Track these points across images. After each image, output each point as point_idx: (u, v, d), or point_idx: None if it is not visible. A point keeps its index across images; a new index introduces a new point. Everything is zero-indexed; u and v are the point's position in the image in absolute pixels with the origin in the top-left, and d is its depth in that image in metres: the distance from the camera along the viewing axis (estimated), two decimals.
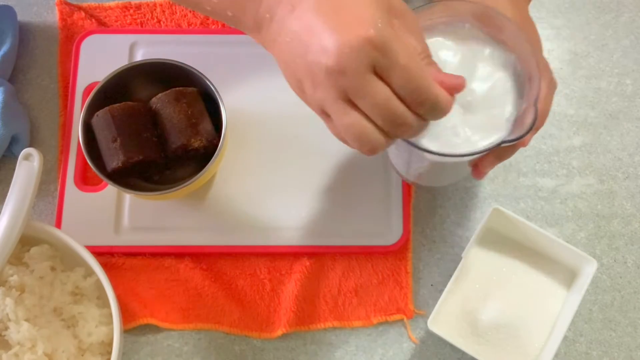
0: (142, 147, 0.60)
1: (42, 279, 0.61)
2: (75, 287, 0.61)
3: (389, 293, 0.64)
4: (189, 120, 0.61)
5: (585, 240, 0.65)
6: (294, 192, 0.66)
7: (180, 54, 0.64)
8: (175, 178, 0.65)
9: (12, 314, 0.57)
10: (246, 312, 0.63)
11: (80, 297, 0.62)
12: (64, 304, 0.61)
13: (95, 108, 0.62)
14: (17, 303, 0.58)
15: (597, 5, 0.72)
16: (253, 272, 0.64)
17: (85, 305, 0.61)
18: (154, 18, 0.72)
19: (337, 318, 0.63)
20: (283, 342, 0.63)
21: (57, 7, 0.72)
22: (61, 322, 0.60)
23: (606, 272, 0.64)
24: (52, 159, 0.68)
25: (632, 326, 0.63)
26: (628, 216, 0.66)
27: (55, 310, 0.60)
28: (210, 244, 0.64)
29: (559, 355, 0.61)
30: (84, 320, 0.60)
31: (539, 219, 0.65)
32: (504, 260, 0.62)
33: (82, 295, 0.62)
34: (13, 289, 0.59)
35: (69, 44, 0.71)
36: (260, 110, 0.68)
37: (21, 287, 0.59)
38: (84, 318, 0.60)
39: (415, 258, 0.65)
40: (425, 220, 0.66)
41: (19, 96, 0.70)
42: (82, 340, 0.60)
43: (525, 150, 0.67)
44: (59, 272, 0.62)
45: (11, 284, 0.59)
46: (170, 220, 0.65)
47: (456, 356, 0.62)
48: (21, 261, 0.61)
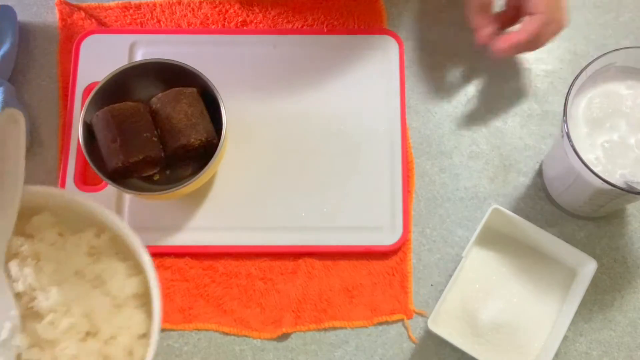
0: (142, 147, 0.60)
1: (54, 245, 0.58)
2: (90, 247, 0.59)
3: (389, 293, 0.64)
4: (189, 120, 0.61)
5: (585, 240, 0.65)
6: (294, 192, 0.66)
7: (180, 54, 0.64)
8: (175, 178, 0.65)
9: (35, 283, 0.54)
10: (246, 312, 0.63)
11: (98, 256, 0.59)
12: (83, 265, 0.58)
13: (95, 108, 0.62)
14: (36, 272, 0.55)
15: (597, 5, 0.72)
16: (253, 272, 0.64)
17: (106, 262, 0.58)
18: (153, 18, 0.72)
19: (337, 318, 0.63)
20: (283, 342, 0.63)
21: (57, 7, 0.72)
22: (87, 284, 0.57)
23: (606, 272, 0.64)
24: (52, 159, 0.68)
25: (632, 326, 0.63)
26: (628, 216, 0.66)
27: (77, 274, 0.57)
28: (210, 244, 0.64)
29: (559, 355, 0.61)
30: (110, 276, 0.57)
31: (539, 219, 0.65)
32: (504, 260, 0.62)
33: (100, 254, 0.59)
34: (28, 258, 0.56)
35: (68, 44, 0.71)
36: (260, 110, 0.68)
37: (36, 256, 0.56)
38: (109, 274, 0.57)
39: (415, 258, 0.65)
40: (425, 220, 0.66)
41: (19, 96, 0.70)
42: (115, 295, 0.57)
43: (525, 150, 0.67)
44: (68, 236, 0.59)
45: (24, 254, 0.56)
46: (170, 220, 0.65)
47: (456, 356, 0.62)
48: (25, 233, 0.59)
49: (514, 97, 0.69)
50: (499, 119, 0.69)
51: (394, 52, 0.70)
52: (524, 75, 0.70)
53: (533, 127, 0.68)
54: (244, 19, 0.72)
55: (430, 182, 0.67)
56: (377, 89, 0.69)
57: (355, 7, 0.72)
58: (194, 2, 0.72)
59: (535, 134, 0.68)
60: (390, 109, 0.68)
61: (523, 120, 0.69)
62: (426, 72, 0.70)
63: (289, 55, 0.70)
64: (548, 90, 0.70)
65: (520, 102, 0.69)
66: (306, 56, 0.70)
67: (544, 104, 0.69)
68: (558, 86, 0.70)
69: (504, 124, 0.69)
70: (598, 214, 0.64)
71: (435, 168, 0.67)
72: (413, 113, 0.69)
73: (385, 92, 0.69)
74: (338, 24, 0.71)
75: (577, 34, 0.71)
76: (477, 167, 0.67)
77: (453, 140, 0.68)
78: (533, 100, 0.69)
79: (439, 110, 0.69)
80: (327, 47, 0.70)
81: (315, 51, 0.70)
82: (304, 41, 0.70)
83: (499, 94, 0.70)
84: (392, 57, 0.70)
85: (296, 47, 0.70)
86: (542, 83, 0.70)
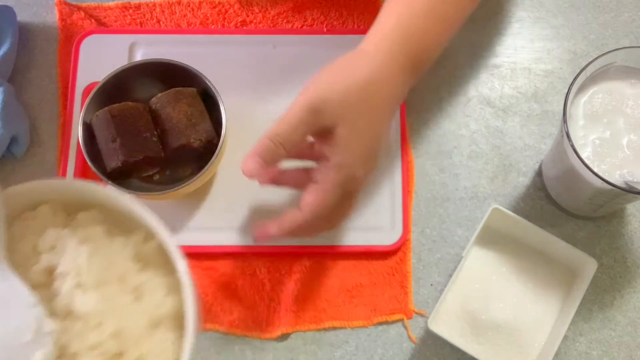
0: (142, 147, 0.60)
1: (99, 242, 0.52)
2: (136, 252, 0.53)
3: (389, 293, 0.64)
4: (189, 120, 0.61)
5: (585, 240, 0.65)
6: (294, 192, 0.66)
7: (180, 54, 0.64)
8: (175, 178, 0.65)
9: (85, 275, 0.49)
10: (246, 312, 0.63)
11: (144, 264, 0.53)
12: (129, 271, 0.52)
13: (95, 108, 0.62)
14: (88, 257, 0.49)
15: (597, 4, 0.72)
16: (253, 272, 0.64)
17: (152, 272, 0.52)
18: (153, 18, 0.72)
19: (337, 318, 0.63)
20: (283, 342, 0.63)
21: (56, 7, 0.72)
22: (128, 295, 0.51)
23: (606, 272, 0.64)
24: (52, 159, 0.68)
25: (632, 325, 0.63)
26: (628, 216, 0.66)
27: (120, 280, 0.51)
28: (210, 244, 0.64)
29: (559, 355, 0.61)
30: (151, 290, 0.51)
31: (539, 219, 0.65)
32: (504, 260, 0.62)
33: (147, 262, 0.53)
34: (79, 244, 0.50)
35: (68, 44, 0.71)
36: (260, 110, 0.68)
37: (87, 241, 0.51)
38: (151, 287, 0.51)
39: (415, 258, 0.65)
40: (425, 220, 0.66)
41: (19, 96, 0.70)
42: (152, 313, 0.51)
43: (525, 150, 0.67)
44: (116, 236, 0.53)
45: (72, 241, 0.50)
46: (170, 220, 0.65)
47: (456, 356, 0.62)
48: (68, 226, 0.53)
49: (513, 97, 0.69)
50: (499, 119, 0.69)
51: None
52: (523, 75, 0.70)
53: (533, 127, 0.68)
54: (244, 19, 0.72)
55: (430, 182, 0.67)
56: None
57: (355, 7, 0.72)
58: (193, 2, 0.72)
59: (535, 133, 0.68)
60: None
61: (523, 120, 0.69)
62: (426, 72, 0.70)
63: (289, 55, 0.70)
64: (548, 90, 0.70)
65: (520, 102, 0.69)
66: (306, 56, 0.69)
67: (543, 104, 0.69)
68: (558, 86, 0.70)
69: (504, 124, 0.69)
70: (598, 214, 0.64)
71: (435, 168, 0.67)
72: (413, 113, 0.69)
73: None
74: (338, 24, 0.71)
75: (576, 33, 0.71)
76: (477, 167, 0.67)
77: (453, 140, 0.68)
78: (533, 100, 0.69)
79: (439, 110, 0.69)
80: (327, 47, 0.70)
81: (315, 51, 0.70)
82: (304, 41, 0.70)
83: (499, 93, 0.70)
84: None
85: (296, 47, 0.70)
86: (542, 83, 0.70)
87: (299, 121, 0.52)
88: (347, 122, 0.52)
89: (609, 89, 0.56)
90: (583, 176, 0.55)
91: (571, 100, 0.55)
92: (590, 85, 0.56)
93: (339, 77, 0.53)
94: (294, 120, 0.52)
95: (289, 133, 0.52)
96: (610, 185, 0.52)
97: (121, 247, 0.53)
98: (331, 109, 0.52)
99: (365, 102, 0.53)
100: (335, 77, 0.53)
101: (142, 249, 0.53)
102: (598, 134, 0.55)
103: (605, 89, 0.56)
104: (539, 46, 0.71)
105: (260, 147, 0.53)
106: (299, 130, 0.52)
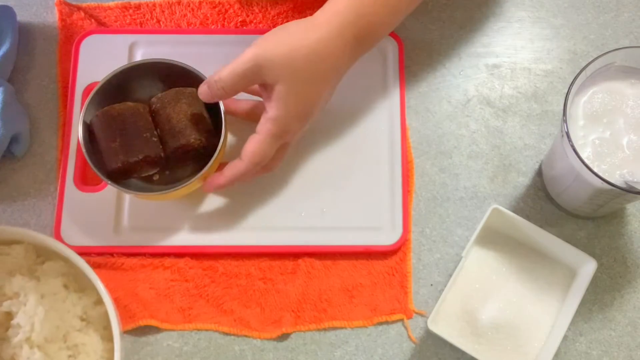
0: (142, 147, 0.60)
1: (56, 296, 0.58)
2: (84, 312, 0.59)
3: (389, 293, 0.64)
4: (189, 120, 0.61)
5: (585, 240, 0.65)
6: (293, 192, 0.66)
7: (180, 54, 0.64)
8: (175, 178, 0.65)
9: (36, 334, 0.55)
10: (246, 312, 0.63)
11: (87, 324, 0.59)
12: (72, 329, 0.58)
13: (95, 108, 0.62)
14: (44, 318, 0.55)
15: (597, 4, 0.72)
16: (253, 272, 0.64)
17: (91, 335, 0.58)
18: (153, 18, 0.72)
19: (337, 318, 0.63)
20: (283, 342, 0.63)
21: (56, 7, 0.72)
22: (67, 351, 0.57)
23: (606, 272, 0.64)
24: (52, 159, 0.68)
25: (631, 325, 0.63)
26: (628, 216, 0.66)
27: (64, 337, 0.58)
28: (210, 244, 0.64)
29: (559, 354, 0.61)
30: (85, 353, 0.57)
31: (539, 219, 0.65)
32: (504, 260, 0.62)
33: (89, 323, 0.59)
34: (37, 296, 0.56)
35: (68, 44, 0.71)
36: None
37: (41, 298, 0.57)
38: (86, 351, 0.57)
39: (415, 258, 0.65)
40: (425, 220, 0.66)
41: (19, 96, 0.70)
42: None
43: (525, 150, 0.67)
44: (71, 291, 0.59)
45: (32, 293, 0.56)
46: (170, 220, 0.65)
47: (456, 356, 0.62)
48: (34, 274, 0.59)
49: (513, 97, 0.69)
50: (499, 119, 0.69)
51: (394, 52, 0.70)
52: (523, 75, 0.70)
53: (533, 127, 0.68)
54: (244, 19, 0.72)
55: (430, 182, 0.67)
56: (376, 89, 0.69)
57: None
58: (193, 2, 0.72)
59: (535, 133, 0.68)
60: (390, 109, 0.68)
61: (523, 120, 0.69)
62: (426, 72, 0.70)
63: None
64: (548, 90, 0.70)
65: (520, 102, 0.69)
66: None
67: (543, 104, 0.69)
68: (558, 86, 0.70)
69: (504, 124, 0.69)
70: (598, 214, 0.64)
71: (435, 168, 0.67)
72: (413, 113, 0.69)
73: (384, 92, 0.69)
74: None
75: (576, 33, 0.71)
76: (476, 167, 0.67)
77: (453, 140, 0.68)
78: (533, 100, 0.69)
79: (439, 110, 0.69)
80: None
81: None
82: None
83: (499, 93, 0.70)
84: (392, 57, 0.70)
85: None
86: (542, 83, 0.70)
87: (243, 73, 0.57)
88: (287, 82, 0.56)
89: (608, 89, 0.56)
90: (583, 176, 0.55)
91: (571, 100, 0.55)
92: (590, 85, 0.56)
93: (288, 40, 0.57)
94: (238, 71, 0.57)
95: (232, 82, 0.57)
96: (610, 185, 0.52)
97: (73, 305, 0.59)
98: (273, 68, 0.56)
99: (307, 69, 0.57)
100: (285, 39, 0.57)
101: (91, 312, 0.59)
102: (598, 134, 0.55)
103: (605, 89, 0.56)
104: (539, 46, 0.71)
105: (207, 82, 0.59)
106: (242, 81, 0.57)
